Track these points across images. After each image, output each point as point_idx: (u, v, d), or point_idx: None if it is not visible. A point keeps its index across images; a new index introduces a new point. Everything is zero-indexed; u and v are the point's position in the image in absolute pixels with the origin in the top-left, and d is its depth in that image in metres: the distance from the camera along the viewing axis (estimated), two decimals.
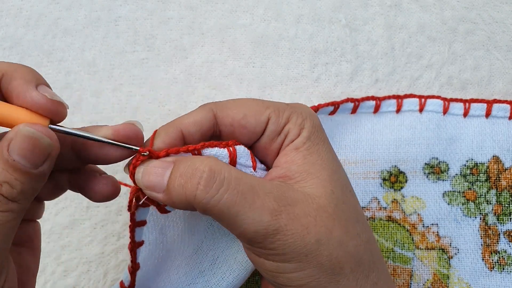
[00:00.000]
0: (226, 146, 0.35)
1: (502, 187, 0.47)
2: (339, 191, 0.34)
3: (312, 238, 0.31)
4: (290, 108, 0.36)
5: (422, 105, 0.48)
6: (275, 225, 0.31)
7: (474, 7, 0.51)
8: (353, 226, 0.33)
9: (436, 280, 0.46)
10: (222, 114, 0.35)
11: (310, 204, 0.32)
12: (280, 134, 0.35)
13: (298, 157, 0.34)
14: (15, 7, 0.52)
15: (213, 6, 0.52)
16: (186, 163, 0.32)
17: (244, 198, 0.31)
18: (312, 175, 0.33)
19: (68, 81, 0.51)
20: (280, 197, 0.32)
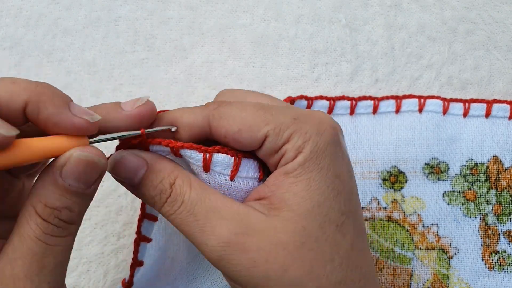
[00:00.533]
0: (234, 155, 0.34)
1: (502, 187, 0.47)
2: (315, 227, 0.31)
3: (260, 273, 0.30)
4: (295, 125, 0.33)
5: (422, 105, 0.48)
6: (219, 253, 0.31)
7: (474, 7, 0.51)
8: (321, 267, 0.31)
9: (436, 280, 0.46)
10: (216, 124, 0.33)
11: (270, 237, 0.31)
12: (278, 153, 0.33)
13: (284, 184, 0.32)
14: (15, 7, 0.52)
15: (213, 6, 0.52)
16: (159, 174, 0.33)
17: (196, 221, 0.32)
18: (288, 207, 0.32)
19: (68, 81, 0.51)
20: (237, 225, 0.31)
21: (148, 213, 0.42)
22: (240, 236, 0.31)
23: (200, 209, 0.32)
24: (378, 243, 0.46)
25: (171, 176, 0.33)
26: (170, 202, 0.32)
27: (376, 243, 0.46)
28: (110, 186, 0.50)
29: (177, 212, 0.32)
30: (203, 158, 0.33)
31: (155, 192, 0.33)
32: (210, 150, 0.33)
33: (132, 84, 0.51)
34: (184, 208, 0.32)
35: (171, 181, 0.33)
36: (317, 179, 0.32)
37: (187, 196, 0.32)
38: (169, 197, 0.32)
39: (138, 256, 0.42)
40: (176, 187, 0.33)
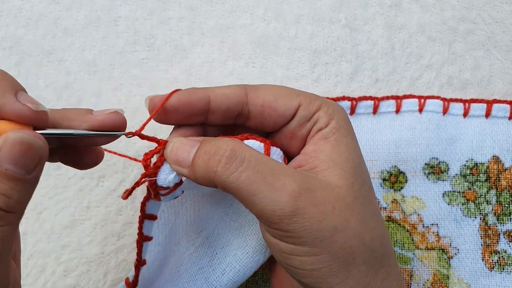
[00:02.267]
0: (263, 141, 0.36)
1: (502, 187, 0.47)
2: (359, 184, 0.34)
3: (329, 225, 0.32)
4: (321, 99, 0.37)
5: (422, 105, 0.48)
6: (292, 207, 0.31)
7: (474, 7, 0.51)
8: (369, 220, 0.34)
9: (436, 280, 0.46)
10: (253, 94, 0.36)
11: (330, 192, 0.33)
12: (310, 120, 0.36)
13: (327, 146, 0.35)
14: (15, 7, 0.52)
15: (213, 6, 0.52)
16: (211, 142, 0.33)
17: (263, 178, 0.32)
18: (337, 165, 0.34)
19: (68, 81, 0.51)
20: (301, 181, 0.32)
21: (148, 213, 0.42)
22: (308, 191, 0.32)
23: (265, 167, 0.32)
24: None
25: (227, 142, 0.33)
26: (229, 159, 0.32)
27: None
28: (110, 186, 0.50)
29: (240, 170, 0.32)
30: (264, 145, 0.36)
31: (208, 156, 0.33)
32: (239, 137, 0.35)
33: (132, 84, 0.51)
34: (248, 165, 0.32)
35: (226, 142, 0.33)
36: (352, 144, 0.35)
37: (249, 153, 0.32)
38: (226, 153, 0.32)
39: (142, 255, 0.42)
40: (235, 148, 0.33)
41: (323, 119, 0.35)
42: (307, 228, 0.31)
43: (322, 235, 0.31)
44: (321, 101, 0.36)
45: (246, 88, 0.36)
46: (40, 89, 0.51)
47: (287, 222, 0.31)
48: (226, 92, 0.36)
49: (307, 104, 0.36)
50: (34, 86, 0.52)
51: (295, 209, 0.31)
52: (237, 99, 0.36)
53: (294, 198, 0.31)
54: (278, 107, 0.36)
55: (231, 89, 0.36)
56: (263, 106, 0.36)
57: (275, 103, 0.36)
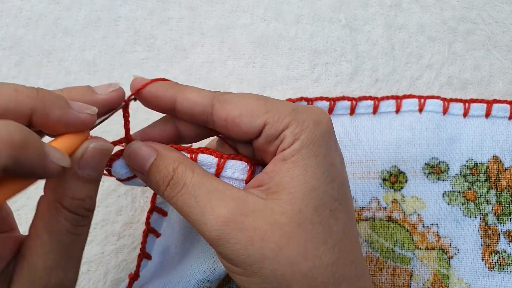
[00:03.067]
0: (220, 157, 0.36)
1: (502, 187, 0.47)
2: (311, 210, 0.33)
3: (256, 251, 0.32)
4: (293, 114, 0.35)
5: (422, 105, 0.48)
6: (218, 231, 0.32)
7: (474, 7, 0.51)
8: (315, 248, 0.32)
9: (436, 280, 0.46)
10: (219, 107, 0.35)
11: (266, 218, 0.32)
12: (277, 139, 0.34)
13: (282, 169, 0.34)
14: (15, 7, 0.53)
15: (213, 6, 0.52)
16: (164, 160, 0.35)
17: (197, 202, 0.33)
18: (286, 190, 0.33)
19: (68, 81, 0.51)
20: (235, 205, 0.32)
21: (157, 207, 0.43)
22: (238, 216, 0.32)
23: (201, 192, 0.33)
24: (378, 243, 0.46)
25: (175, 162, 0.35)
26: (172, 185, 0.34)
27: (376, 243, 0.46)
28: (110, 186, 0.50)
29: (179, 195, 0.34)
30: (217, 162, 0.36)
31: (159, 176, 0.35)
32: (195, 151, 0.36)
33: None
34: (186, 190, 0.34)
35: (174, 166, 0.34)
36: (313, 165, 0.34)
37: (189, 179, 0.34)
38: (171, 180, 0.34)
39: (147, 248, 0.43)
40: (179, 172, 0.34)
41: (287, 139, 0.34)
42: (234, 252, 0.32)
43: (250, 260, 0.32)
44: (291, 117, 0.34)
45: (214, 98, 0.35)
46: None
47: (216, 245, 0.33)
48: (192, 99, 0.35)
49: (274, 123, 0.34)
50: (34, 86, 0.51)
51: (220, 233, 0.32)
52: (202, 109, 0.35)
53: (221, 223, 0.32)
54: (241, 124, 0.34)
55: (199, 96, 0.35)
56: (226, 121, 0.35)
57: (239, 119, 0.34)
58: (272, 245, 0.32)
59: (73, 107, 0.32)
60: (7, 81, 0.52)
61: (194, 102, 0.35)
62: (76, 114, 0.32)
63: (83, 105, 0.33)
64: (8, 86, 0.30)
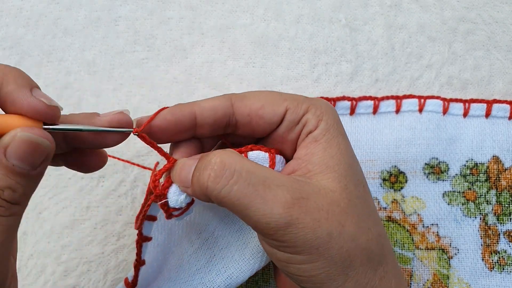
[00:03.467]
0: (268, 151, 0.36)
1: (502, 187, 0.47)
2: (353, 186, 0.34)
3: (324, 232, 0.32)
4: (308, 100, 0.36)
5: (422, 105, 0.48)
6: (286, 218, 0.31)
7: (474, 7, 0.51)
8: (365, 221, 0.34)
9: (436, 280, 0.46)
10: (239, 104, 0.36)
11: (323, 198, 0.33)
12: (299, 124, 0.35)
13: (318, 149, 0.35)
14: (15, 7, 0.52)
15: (213, 6, 0.52)
16: (204, 158, 0.34)
17: (255, 190, 0.32)
18: (330, 169, 0.34)
19: (68, 81, 0.51)
20: (294, 189, 0.32)
21: (148, 215, 0.42)
22: (300, 200, 0.32)
23: (256, 179, 0.32)
24: None
25: (217, 154, 0.33)
26: (219, 172, 0.32)
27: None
28: (110, 186, 0.50)
29: (231, 183, 0.32)
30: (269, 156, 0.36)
31: (199, 171, 0.33)
32: (243, 150, 0.35)
33: (132, 84, 0.51)
34: (239, 177, 0.32)
35: (217, 156, 0.33)
36: (344, 143, 0.35)
37: (240, 165, 0.32)
38: (215, 166, 0.32)
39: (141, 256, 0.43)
40: (223, 158, 0.33)
41: (311, 121, 0.35)
42: (302, 237, 0.31)
43: (317, 243, 0.32)
44: (308, 103, 0.36)
45: (231, 98, 0.36)
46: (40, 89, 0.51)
47: (282, 233, 0.32)
48: (211, 105, 0.36)
49: (294, 108, 0.35)
50: None
51: (289, 220, 0.31)
52: (223, 111, 0.36)
53: (288, 209, 0.31)
54: (265, 115, 0.35)
55: (216, 101, 0.36)
56: (250, 115, 0.36)
57: (261, 110, 0.35)
58: (335, 223, 0.32)
59: (34, 92, 0.31)
60: None
61: (214, 108, 0.35)
62: (28, 96, 0.30)
63: (45, 95, 0.31)
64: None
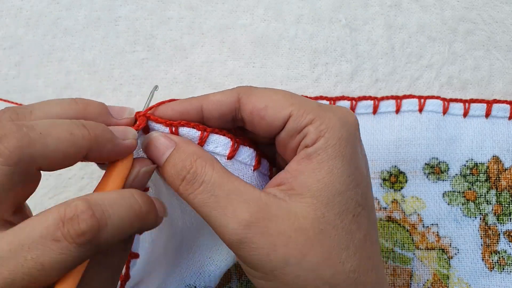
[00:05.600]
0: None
1: (502, 187, 0.47)
2: (335, 216, 0.32)
3: (279, 257, 0.31)
4: (318, 110, 0.34)
5: (422, 105, 0.48)
6: (239, 236, 0.31)
7: (474, 7, 0.51)
8: (337, 254, 0.32)
9: (436, 280, 0.46)
10: (245, 100, 0.35)
11: (290, 223, 0.31)
12: (300, 133, 0.33)
13: (308, 169, 0.33)
14: (15, 7, 0.52)
15: (213, 6, 0.52)
16: (182, 154, 0.34)
17: (217, 202, 0.32)
18: (310, 193, 0.32)
19: (68, 81, 0.51)
20: (258, 209, 0.31)
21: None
22: (261, 220, 0.31)
23: (222, 191, 0.32)
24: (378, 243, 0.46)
25: (193, 156, 0.34)
26: (190, 181, 0.33)
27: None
28: None
29: (197, 192, 0.33)
30: (200, 135, 0.35)
31: (174, 170, 0.34)
32: (208, 130, 0.35)
33: (132, 84, 0.51)
34: (205, 188, 0.32)
35: (192, 160, 0.33)
36: (339, 167, 0.32)
37: (209, 176, 0.33)
38: (188, 174, 0.33)
39: (133, 248, 0.43)
40: (197, 167, 0.33)
41: (311, 135, 0.33)
42: (255, 257, 0.31)
43: (271, 266, 0.31)
44: (315, 114, 0.33)
45: (239, 92, 0.35)
46: (40, 89, 0.51)
47: (236, 249, 0.32)
48: (218, 99, 0.35)
49: (298, 116, 0.33)
50: (34, 86, 0.52)
51: (242, 237, 0.31)
52: (229, 105, 0.35)
53: (243, 227, 0.31)
54: (266, 116, 0.34)
55: (223, 95, 0.35)
56: (252, 114, 0.34)
57: (264, 111, 0.34)
58: (295, 252, 0.31)
59: (117, 135, 0.32)
60: (7, 81, 0.52)
61: (220, 101, 0.35)
62: (123, 143, 0.33)
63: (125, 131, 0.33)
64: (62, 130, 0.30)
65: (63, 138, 0.30)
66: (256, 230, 0.31)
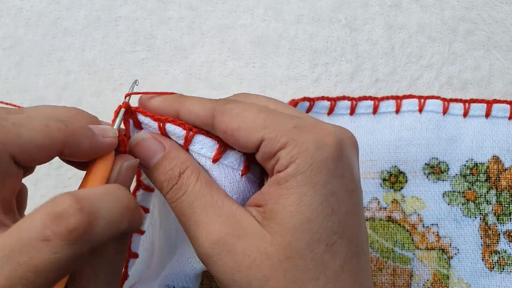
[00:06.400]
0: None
1: (502, 187, 0.47)
2: (303, 244, 0.30)
3: (242, 278, 0.31)
4: (293, 133, 0.32)
5: (422, 105, 0.48)
6: (207, 250, 0.31)
7: (474, 7, 0.51)
8: (304, 284, 0.30)
9: (436, 280, 0.46)
10: (219, 118, 0.33)
11: (258, 245, 0.31)
12: (274, 157, 0.32)
13: (276, 195, 0.31)
14: (15, 7, 0.52)
15: (213, 6, 0.52)
16: (172, 161, 0.34)
17: (193, 213, 0.32)
18: (277, 220, 0.31)
19: (68, 81, 0.51)
20: (231, 226, 0.31)
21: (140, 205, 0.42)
22: (229, 237, 0.31)
23: (198, 203, 0.33)
24: (378, 243, 0.46)
25: (183, 166, 0.34)
26: (175, 189, 0.34)
27: (376, 243, 0.46)
28: None
29: (178, 201, 0.33)
30: (186, 135, 0.35)
31: (164, 178, 0.34)
32: (194, 130, 0.35)
33: None
34: (186, 198, 0.33)
35: (181, 170, 0.34)
36: (310, 195, 0.31)
37: (191, 187, 0.33)
38: (175, 184, 0.34)
39: (132, 247, 0.43)
40: (184, 177, 0.34)
41: (282, 161, 0.31)
42: (221, 275, 0.31)
43: (235, 285, 0.31)
44: (289, 137, 0.31)
45: (214, 109, 0.34)
46: (40, 89, 0.51)
47: (205, 263, 0.32)
48: (194, 110, 0.35)
49: (271, 140, 0.32)
50: (34, 86, 0.52)
51: (209, 253, 0.31)
52: (203, 120, 0.35)
53: (212, 242, 0.31)
54: (239, 138, 0.33)
55: (200, 108, 0.35)
56: (226, 133, 0.33)
57: (237, 132, 0.33)
58: (258, 275, 0.30)
59: (96, 132, 0.32)
60: (7, 81, 0.52)
61: (196, 114, 0.35)
62: (102, 141, 0.32)
63: (105, 129, 0.33)
64: (38, 122, 0.30)
65: (38, 129, 0.29)
66: (224, 248, 0.31)
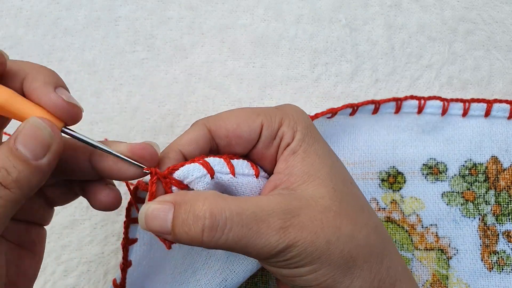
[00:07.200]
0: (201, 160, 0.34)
1: (500, 188, 0.47)
2: (340, 185, 0.35)
3: (322, 241, 0.32)
4: (280, 111, 0.36)
5: (422, 107, 0.48)
6: (284, 242, 0.32)
7: (474, 7, 0.51)
8: (360, 217, 0.34)
9: (435, 281, 0.46)
10: (215, 128, 0.36)
11: (314, 208, 0.33)
12: (276, 138, 0.36)
13: (297, 161, 0.35)
14: (15, 7, 0.53)
15: (213, 6, 0.52)
16: (186, 208, 0.32)
17: (250, 229, 0.32)
18: (313, 176, 0.34)
19: (68, 81, 0.51)
20: (284, 211, 0.32)
21: (134, 217, 0.42)
22: (293, 219, 0.32)
23: (247, 219, 0.32)
24: None
25: (199, 202, 0.32)
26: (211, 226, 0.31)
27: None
28: None
29: (226, 232, 0.31)
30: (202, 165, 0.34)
31: (188, 226, 0.32)
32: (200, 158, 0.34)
33: (132, 84, 0.51)
34: (232, 224, 0.31)
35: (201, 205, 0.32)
36: (320, 148, 0.36)
37: (229, 212, 0.31)
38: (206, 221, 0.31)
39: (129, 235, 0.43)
40: (213, 212, 0.31)
41: (287, 134, 0.35)
42: (303, 252, 0.32)
43: (318, 253, 0.32)
44: (281, 114, 0.36)
45: (206, 124, 0.36)
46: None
47: (283, 255, 0.32)
48: (191, 138, 0.35)
49: (269, 122, 0.35)
50: None
51: (287, 242, 0.32)
52: (204, 139, 0.35)
53: (283, 234, 0.32)
54: (242, 133, 0.35)
55: (194, 133, 0.35)
56: (228, 137, 0.35)
57: (239, 129, 0.35)
58: (332, 229, 0.33)
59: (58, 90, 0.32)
60: None
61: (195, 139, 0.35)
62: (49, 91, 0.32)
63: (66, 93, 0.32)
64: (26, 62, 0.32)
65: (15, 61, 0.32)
66: (295, 229, 0.32)
